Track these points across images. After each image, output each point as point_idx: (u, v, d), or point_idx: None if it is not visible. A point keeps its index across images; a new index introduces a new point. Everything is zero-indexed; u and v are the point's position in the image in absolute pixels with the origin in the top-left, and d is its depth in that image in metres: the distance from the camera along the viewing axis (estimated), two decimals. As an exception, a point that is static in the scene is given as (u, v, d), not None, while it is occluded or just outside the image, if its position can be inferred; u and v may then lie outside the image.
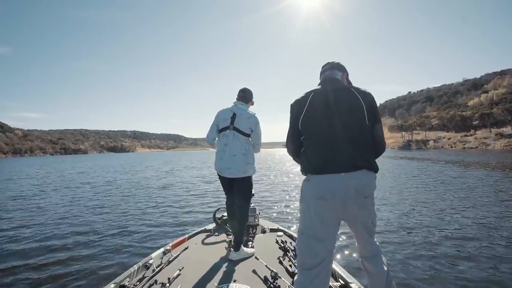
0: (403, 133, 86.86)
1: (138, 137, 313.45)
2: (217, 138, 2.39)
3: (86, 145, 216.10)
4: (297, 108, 1.40)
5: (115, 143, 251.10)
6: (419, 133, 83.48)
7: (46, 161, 49.16)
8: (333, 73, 1.47)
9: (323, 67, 1.54)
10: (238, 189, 2.31)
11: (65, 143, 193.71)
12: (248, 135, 2.27)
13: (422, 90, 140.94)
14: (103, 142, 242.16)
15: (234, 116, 2.25)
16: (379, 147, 1.40)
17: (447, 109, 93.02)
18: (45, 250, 3.69)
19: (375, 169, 1.31)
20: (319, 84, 1.48)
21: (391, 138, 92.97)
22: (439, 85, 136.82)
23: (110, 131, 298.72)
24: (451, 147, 61.88)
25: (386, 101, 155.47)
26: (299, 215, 1.40)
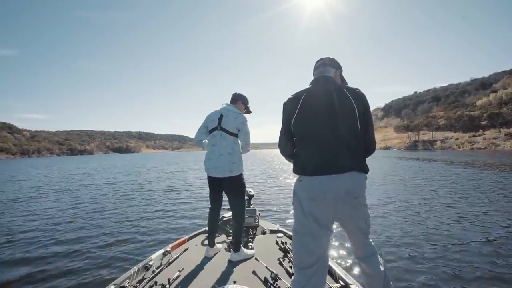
0: (410, 133, 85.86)
1: (143, 137, 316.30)
2: (206, 140, 2.46)
3: (92, 146, 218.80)
4: (289, 108, 1.40)
5: (120, 143, 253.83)
6: (425, 133, 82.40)
7: (53, 162, 49.94)
8: (326, 70, 1.45)
9: (316, 62, 1.51)
10: (228, 189, 2.33)
11: (72, 144, 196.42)
12: (236, 135, 2.32)
13: (428, 90, 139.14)
14: (109, 143, 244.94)
15: (221, 117, 2.33)
16: (370, 148, 1.41)
17: (455, 109, 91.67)
18: (45, 251, 3.70)
19: (365, 170, 1.32)
20: (311, 83, 1.46)
21: (397, 138, 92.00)
22: (446, 84, 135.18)
23: (115, 131, 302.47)
24: (459, 147, 60.97)
25: (392, 101, 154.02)
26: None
